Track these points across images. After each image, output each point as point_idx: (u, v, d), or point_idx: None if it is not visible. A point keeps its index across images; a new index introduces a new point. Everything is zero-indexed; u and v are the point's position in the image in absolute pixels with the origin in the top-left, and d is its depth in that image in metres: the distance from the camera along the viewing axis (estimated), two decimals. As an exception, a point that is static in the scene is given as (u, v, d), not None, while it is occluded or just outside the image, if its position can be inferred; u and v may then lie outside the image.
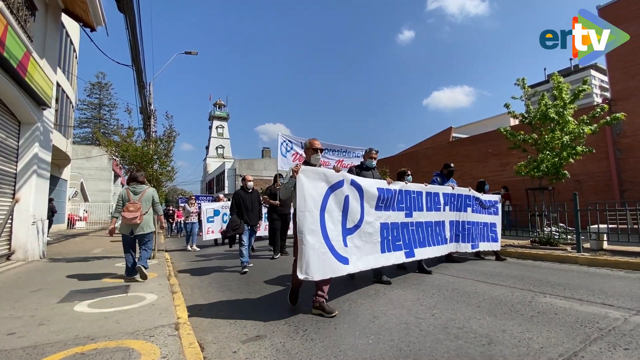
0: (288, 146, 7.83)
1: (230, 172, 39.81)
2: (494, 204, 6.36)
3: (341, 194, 3.34)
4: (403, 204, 4.34)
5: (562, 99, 7.73)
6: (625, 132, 10.37)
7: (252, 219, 5.73)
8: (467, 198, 5.66)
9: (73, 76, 17.31)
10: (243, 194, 5.74)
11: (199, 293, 4.22)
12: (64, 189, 19.65)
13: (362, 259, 3.52)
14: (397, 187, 4.25)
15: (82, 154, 25.83)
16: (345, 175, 3.46)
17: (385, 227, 3.96)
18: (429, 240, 4.77)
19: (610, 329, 2.53)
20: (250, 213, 5.68)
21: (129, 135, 6.97)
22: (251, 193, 5.85)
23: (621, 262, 5.17)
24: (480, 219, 5.92)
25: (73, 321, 2.86)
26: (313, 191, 3.07)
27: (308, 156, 3.69)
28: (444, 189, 5.26)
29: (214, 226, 9.79)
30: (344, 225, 3.33)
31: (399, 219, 4.24)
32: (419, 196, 4.69)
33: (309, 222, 2.96)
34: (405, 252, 4.23)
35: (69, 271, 5.44)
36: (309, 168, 3.19)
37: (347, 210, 3.39)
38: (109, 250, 9.02)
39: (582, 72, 59.64)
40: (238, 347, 2.42)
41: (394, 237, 4.08)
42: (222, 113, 61.56)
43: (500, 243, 6.35)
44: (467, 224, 5.57)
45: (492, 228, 6.23)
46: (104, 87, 43.67)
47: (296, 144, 7.95)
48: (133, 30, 7.85)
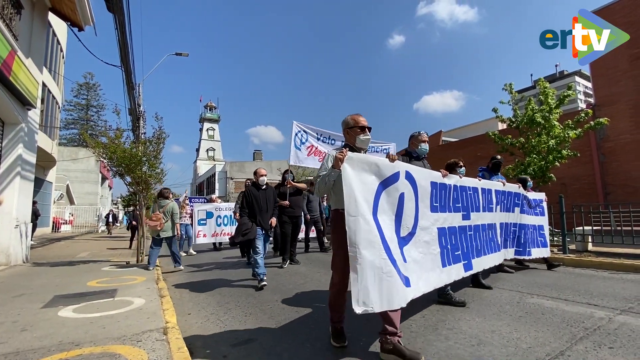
0: (303, 137, 6.81)
1: (221, 174, 39.48)
2: (539, 203, 5.58)
3: (395, 191, 2.48)
4: (459, 203, 3.46)
5: (548, 104, 7.93)
6: (609, 137, 10.68)
7: (266, 221, 4.73)
8: (516, 196, 4.89)
9: (60, 76, 16.97)
10: (255, 192, 4.77)
11: (188, 297, 4.16)
12: (49, 191, 19.18)
13: (422, 278, 2.65)
14: (452, 181, 3.37)
15: (69, 155, 25.29)
16: (401, 166, 2.61)
17: (443, 234, 3.09)
18: (485, 248, 3.90)
19: (596, 328, 2.59)
20: (264, 214, 4.71)
21: (117, 136, 6.84)
22: (265, 190, 4.87)
23: (605, 263, 5.30)
24: (529, 221, 5.14)
25: (57, 326, 2.79)
26: (362, 187, 2.28)
27: (351, 138, 2.60)
28: (495, 185, 4.44)
29: (206, 229, 9.16)
30: (397, 234, 2.48)
31: (456, 223, 3.37)
32: (474, 193, 3.81)
33: (364, 230, 2.14)
34: (464, 264, 3.35)
35: (53, 275, 5.30)
36: (357, 156, 2.35)
37: (401, 214, 2.53)
38: (96, 254, 8.83)
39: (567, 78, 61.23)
40: (228, 351, 2.39)
41: (452, 246, 3.22)
42: (213, 115, 61.13)
43: (549, 248, 5.59)
44: (512, 226, 4.77)
45: (540, 231, 5.44)
46: (91, 88, 42.95)
47: (312, 135, 7.05)
48: (122, 30, 7.75)
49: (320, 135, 7.09)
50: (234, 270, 6.15)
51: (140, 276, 5.14)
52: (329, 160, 2.43)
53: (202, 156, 58.25)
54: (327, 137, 7.18)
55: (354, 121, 2.59)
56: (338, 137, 7.20)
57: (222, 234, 9.28)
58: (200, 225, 9.12)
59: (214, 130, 60.70)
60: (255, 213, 4.66)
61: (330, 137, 7.19)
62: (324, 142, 7.10)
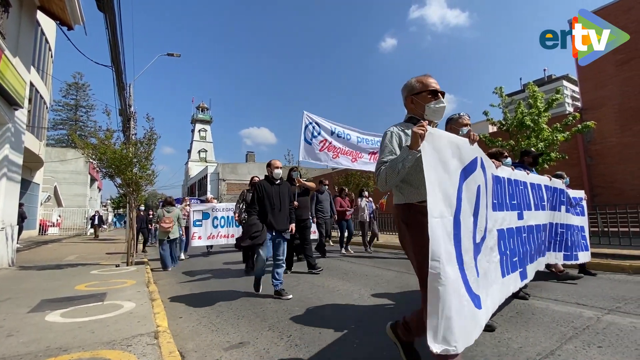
0: (315, 130, 6.17)
1: (213, 176, 39.18)
2: (579, 202, 4.84)
3: (473, 183, 1.92)
4: (515, 199, 2.93)
5: (537, 108, 8.08)
6: (595, 140, 10.92)
7: (280, 222, 4.06)
8: (561, 193, 4.27)
9: (48, 76, 16.67)
10: (268, 186, 4.09)
11: (179, 300, 4.10)
12: (36, 193, 18.78)
13: (490, 294, 2.07)
14: (506, 174, 2.84)
15: (57, 156, 24.82)
16: (478, 151, 2.03)
17: (502, 237, 2.53)
18: (538, 252, 3.40)
19: (585, 327, 2.63)
20: (276, 214, 4.04)
21: (107, 137, 6.74)
22: (279, 185, 4.19)
23: (593, 263, 5.40)
24: (572, 221, 4.47)
25: (44, 331, 2.72)
26: (445, 177, 1.70)
27: (418, 107, 1.93)
28: (543, 179, 3.86)
29: (201, 231, 8.67)
30: (474, 240, 1.90)
31: (513, 223, 2.81)
32: (525, 189, 3.28)
33: (445, 237, 1.61)
34: (520, 272, 2.83)
35: (40, 279, 5.18)
36: (439, 132, 1.74)
37: (477, 214, 1.96)
38: (84, 257, 8.67)
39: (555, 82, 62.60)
40: (220, 354, 2.36)
41: (511, 251, 2.67)
42: (205, 116, 60.69)
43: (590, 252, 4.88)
44: (560, 227, 4.19)
45: (582, 233, 4.75)
46: (81, 88, 42.22)
47: (326, 128, 6.35)
48: (113, 30, 7.65)
49: (334, 129, 6.56)
50: (226, 273, 6.09)
51: (130, 279, 5.05)
52: (395, 139, 1.85)
53: (193, 157, 57.72)
54: (342, 132, 6.70)
55: (422, 84, 1.92)
56: (355, 133, 6.86)
57: (218, 236, 8.85)
58: (196, 226, 8.65)
59: (206, 131, 60.24)
60: (266, 212, 3.98)
61: (345, 132, 6.73)
62: (339, 137, 6.60)
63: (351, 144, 6.88)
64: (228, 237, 8.77)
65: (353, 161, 6.95)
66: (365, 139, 7.09)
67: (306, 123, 6.06)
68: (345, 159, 6.83)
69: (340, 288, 4.35)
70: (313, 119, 6.21)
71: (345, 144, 6.78)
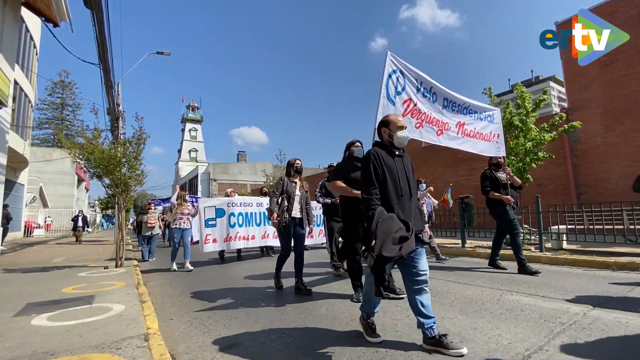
0: (400, 83, 4.35)
1: (204, 176, 38.82)
2: None
3: None
4: None
5: (525, 108, 8.22)
6: (581, 139, 11.18)
7: (414, 217, 2.54)
8: None
9: (33, 74, 16.26)
10: (389, 159, 2.48)
11: (170, 302, 4.05)
12: (20, 194, 18.31)
13: None
14: None
15: (42, 156, 24.27)
16: None
17: None
18: None
19: (571, 323, 2.69)
20: (405, 204, 2.39)
21: (94, 137, 6.61)
22: (402, 158, 2.65)
23: (579, 260, 5.53)
24: None
25: (30, 336, 2.66)
26: None
27: None
28: None
29: (216, 232, 6.92)
30: None
31: None
32: None
33: None
34: None
35: (25, 282, 5.05)
36: None
37: None
38: (71, 259, 8.49)
39: (542, 83, 63.91)
40: (212, 356, 2.34)
41: None
42: (196, 115, 60.04)
43: None
44: None
45: None
46: (67, 86, 41.37)
47: (412, 82, 4.53)
48: (100, 27, 7.50)
49: (421, 83, 4.69)
50: (216, 273, 6.04)
51: (119, 281, 4.97)
52: None
53: (184, 157, 57.06)
54: (429, 90, 4.81)
55: None
56: (441, 92, 4.99)
57: (237, 238, 7.15)
58: (209, 227, 6.91)
59: (197, 130, 59.61)
60: (390, 200, 2.35)
61: (432, 89, 4.86)
62: (424, 97, 4.73)
63: (436, 108, 4.93)
64: (248, 238, 7.34)
65: (439, 134, 4.94)
66: (452, 102, 5.17)
67: (390, 70, 4.20)
68: (430, 130, 4.81)
69: (333, 288, 4.36)
70: (399, 65, 4.35)
71: (431, 107, 4.84)
